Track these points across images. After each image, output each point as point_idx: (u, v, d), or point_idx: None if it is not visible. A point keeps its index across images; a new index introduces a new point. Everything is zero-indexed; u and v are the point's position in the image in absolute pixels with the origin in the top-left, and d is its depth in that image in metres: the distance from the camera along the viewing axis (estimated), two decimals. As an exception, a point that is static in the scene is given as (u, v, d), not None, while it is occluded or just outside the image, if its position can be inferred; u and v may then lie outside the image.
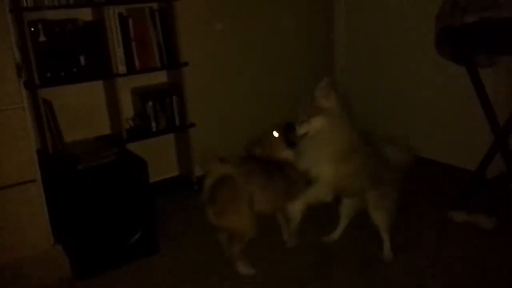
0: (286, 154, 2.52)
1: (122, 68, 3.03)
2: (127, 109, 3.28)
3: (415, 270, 2.42)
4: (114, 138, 3.15)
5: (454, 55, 2.72)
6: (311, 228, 2.78)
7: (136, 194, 2.58)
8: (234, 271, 2.47)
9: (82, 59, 2.92)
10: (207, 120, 3.62)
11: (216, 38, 3.63)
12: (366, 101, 4.14)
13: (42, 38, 2.77)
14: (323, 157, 2.24)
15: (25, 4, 2.66)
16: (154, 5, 3.16)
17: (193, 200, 3.35)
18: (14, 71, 2.22)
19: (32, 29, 2.72)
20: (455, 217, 2.84)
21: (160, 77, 3.41)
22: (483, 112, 2.80)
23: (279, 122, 2.58)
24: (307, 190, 2.32)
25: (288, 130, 2.48)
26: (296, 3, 3.99)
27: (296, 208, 2.35)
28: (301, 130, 2.25)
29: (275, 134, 2.56)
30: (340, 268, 2.49)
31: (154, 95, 3.23)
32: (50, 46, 2.79)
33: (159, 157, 3.53)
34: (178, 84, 3.30)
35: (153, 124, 3.23)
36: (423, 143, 3.75)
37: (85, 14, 2.99)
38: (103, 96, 3.23)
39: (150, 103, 3.20)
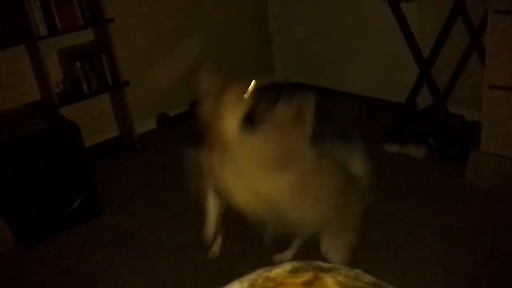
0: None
1: (43, 30, 2.89)
2: (56, 72, 3.16)
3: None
4: (45, 104, 3.05)
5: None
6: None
7: (71, 160, 2.54)
8: (179, 229, 2.50)
9: (-2, 24, 2.77)
10: (141, 76, 3.54)
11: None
12: (299, 45, 4.17)
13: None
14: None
15: None
16: (70, -41, 2.99)
17: (135, 158, 3.33)
18: None
19: None
20: (388, 149, 2.97)
21: (87, 36, 3.28)
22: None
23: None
24: None
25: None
26: None
27: None
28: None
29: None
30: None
31: (82, 55, 3.12)
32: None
33: (97, 119, 3.47)
34: (106, 42, 3.19)
35: (85, 86, 3.14)
36: (354, 80, 3.85)
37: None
38: (27, 61, 3.09)
39: (78, 63, 3.09)
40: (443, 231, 2.32)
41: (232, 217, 2.53)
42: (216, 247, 2.28)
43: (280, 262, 0.84)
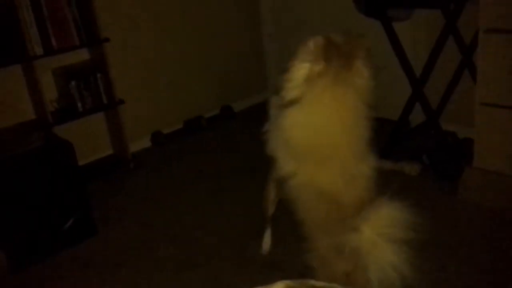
0: None
1: (38, 49, 2.91)
2: (51, 91, 3.17)
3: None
4: (40, 122, 3.05)
5: (368, 10, 2.78)
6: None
7: (65, 179, 2.53)
8: (173, 249, 2.50)
9: (-6, 44, 2.79)
10: (136, 95, 3.56)
11: (137, 10, 3.52)
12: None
13: None
14: None
15: None
16: (66, -20, 3.02)
17: (129, 178, 3.33)
18: None
19: None
20: (382, 166, 2.96)
21: (82, 55, 3.30)
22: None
23: None
24: None
25: None
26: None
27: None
28: None
29: None
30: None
31: (77, 74, 3.13)
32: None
33: (91, 138, 3.47)
34: (101, 61, 3.21)
35: (79, 104, 3.14)
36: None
37: (-9, -5, 2.83)
38: (23, 80, 3.10)
39: (73, 82, 3.10)
40: (436, 247, 2.31)
41: (227, 237, 2.54)
42: (266, 243, 2.36)
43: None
